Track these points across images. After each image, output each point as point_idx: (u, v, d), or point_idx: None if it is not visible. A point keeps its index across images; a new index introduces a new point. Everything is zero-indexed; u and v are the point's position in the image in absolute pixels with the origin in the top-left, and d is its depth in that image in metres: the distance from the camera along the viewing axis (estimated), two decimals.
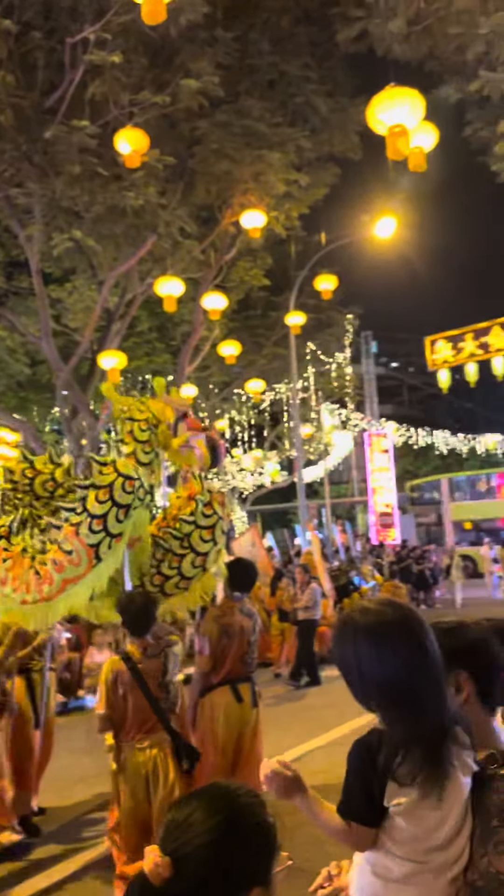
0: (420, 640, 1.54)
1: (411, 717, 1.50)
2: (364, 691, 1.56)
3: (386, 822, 1.52)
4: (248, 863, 1.19)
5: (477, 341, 20.68)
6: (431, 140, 8.15)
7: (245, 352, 19.52)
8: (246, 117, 11.69)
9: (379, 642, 1.53)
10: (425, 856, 1.47)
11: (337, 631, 1.61)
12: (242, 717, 4.82)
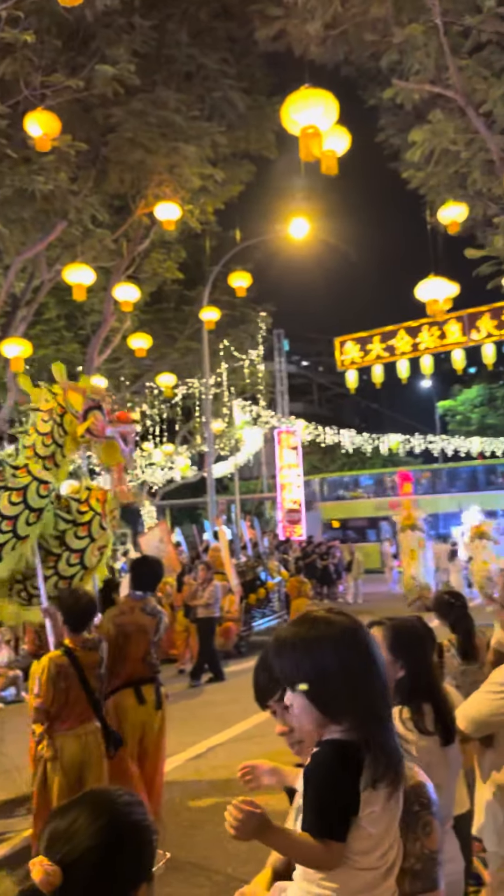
0: (376, 648, 1.59)
1: (381, 722, 1.52)
2: (339, 703, 1.52)
3: (351, 834, 1.50)
4: (133, 862, 1.22)
5: (384, 344, 21.22)
6: (344, 144, 8.27)
7: (157, 345, 19.34)
8: (162, 108, 11.56)
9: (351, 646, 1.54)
10: (381, 859, 1.49)
11: (306, 645, 1.54)
12: (145, 720, 4.75)
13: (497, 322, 19.75)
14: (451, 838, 2.47)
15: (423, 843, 1.53)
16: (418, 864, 1.52)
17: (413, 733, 2.35)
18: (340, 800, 1.47)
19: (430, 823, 1.54)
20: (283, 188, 18.34)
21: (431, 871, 1.52)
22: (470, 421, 40.60)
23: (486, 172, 11.20)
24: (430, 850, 1.53)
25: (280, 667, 1.55)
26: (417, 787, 1.58)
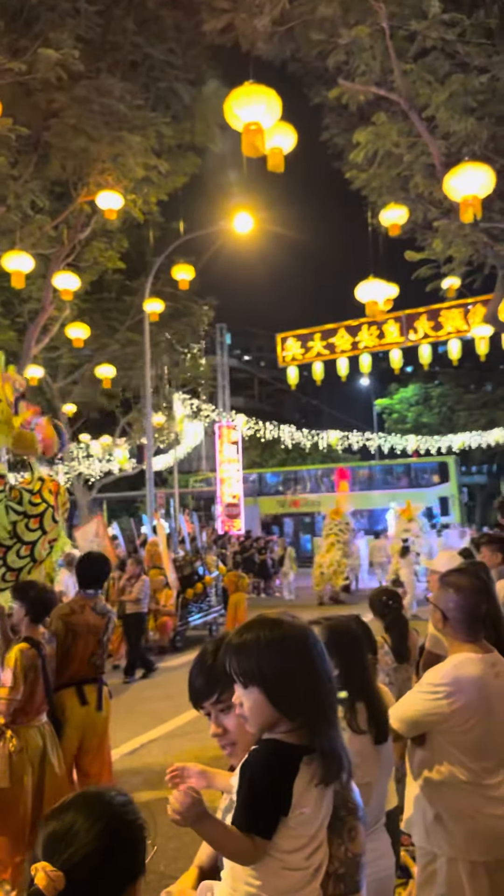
0: (325, 651, 1.64)
1: (329, 723, 1.56)
2: (293, 702, 1.54)
3: (280, 833, 1.51)
4: (131, 859, 1.29)
5: (324, 341, 21.47)
6: (291, 141, 8.29)
7: (97, 335, 19.08)
8: (106, 96, 11.36)
9: (310, 650, 1.59)
10: (308, 860, 1.51)
11: (267, 644, 1.56)
12: (86, 721, 4.68)
13: (434, 323, 20.20)
14: (383, 835, 2.53)
15: (348, 847, 1.55)
16: (342, 867, 1.54)
17: (346, 732, 2.38)
18: (271, 797, 1.50)
19: (356, 828, 1.57)
20: (228, 182, 18.31)
21: (355, 874, 1.55)
22: (406, 419, 41.42)
23: (427, 176, 11.39)
24: (353, 854, 1.55)
25: (238, 664, 1.56)
26: (347, 790, 1.60)
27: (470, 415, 40.09)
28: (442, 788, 2.74)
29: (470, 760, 2.71)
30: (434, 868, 2.75)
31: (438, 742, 2.76)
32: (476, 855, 2.69)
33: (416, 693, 2.78)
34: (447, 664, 2.80)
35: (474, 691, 2.69)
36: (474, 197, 8.19)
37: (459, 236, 11.97)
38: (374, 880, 2.41)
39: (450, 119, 9.75)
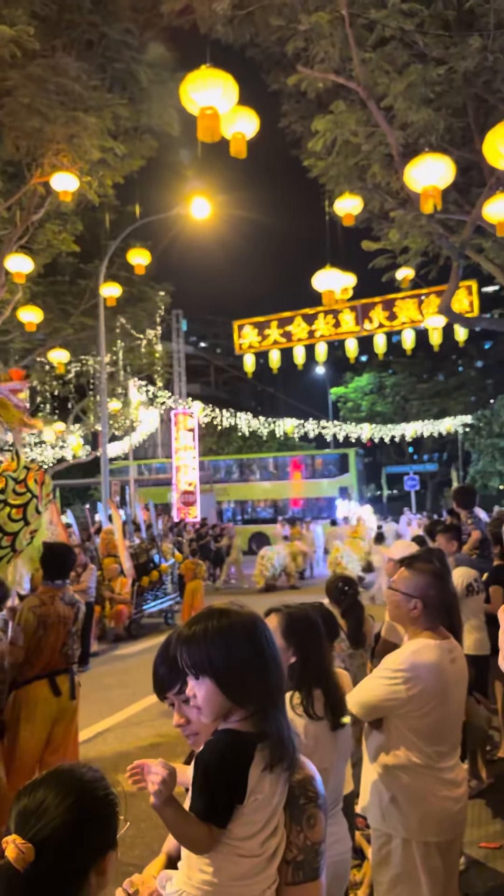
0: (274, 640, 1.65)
1: (278, 710, 1.57)
2: (244, 691, 1.55)
3: (234, 820, 1.52)
4: (101, 834, 1.33)
5: (281, 329, 21.50)
6: (253, 127, 8.22)
7: (50, 319, 18.75)
8: (62, 75, 11.12)
9: (274, 645, 1.60)
10: (262, 846, 1.52)
11: (216, 634, 1.57)
12: (59, 711, 4.64)
13: (389, 313, 20.39)
14: (341, 820, 2.56)
15: (307, 835, 1.55)
16: (301, 854, 1.55)
17: (302, 718, 2.41)
18: (227, 787, 1.51)
19: (315, 816, 1.57)
20: (186, 166, 18.13)
21: (313, 861, 1.56)
22: (360, 408, 41.83)
23: (385, 166, 11.45)
24: (312, 842, 1.55)
25: (189, 656, 1.57)
26: (305, 780, 1.60)
27: (422, 404, 40.70)
28: (398, 772, 2.79)
29: (425, 744, 2.77)
30: (389, 849, 2.81)
31: (395, 726, 2.80)
32: (430, 836, 2.76)
33: (374, 678, 2.82)
34: (406, 650, 2.84)
35: (431, 677, 2.74)
36: (434, 188, 8.25)
37: (415, 227, 12.08)
38: (332, 864, 2.44)
39: (407, 109, 9.80)
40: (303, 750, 2.31)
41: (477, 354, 46.33)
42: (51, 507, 12.02)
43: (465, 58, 9.34)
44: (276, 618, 2.54)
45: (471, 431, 35.70)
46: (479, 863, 4.30)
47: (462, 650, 2.99)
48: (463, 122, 10.81)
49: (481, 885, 4.05)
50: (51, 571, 4.76)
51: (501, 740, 6.05)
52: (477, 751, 5.34)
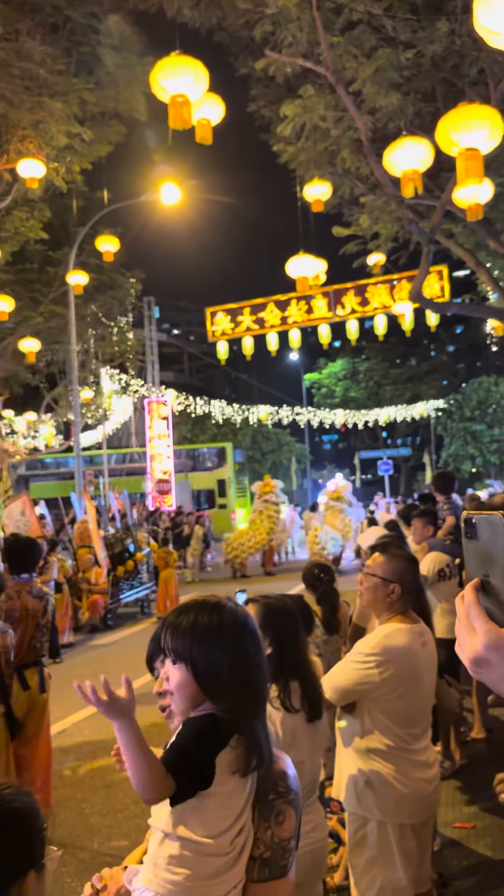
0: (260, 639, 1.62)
1: (254, 711, 1.54)
2: (219, 688, 1.54)
3: (201, 815, 1.50)
4: (18, 849, 1.25)
5: (254, 316, 21.45)
6: (219, 112, 8.14)
7: (19, 307, 18.49)
8: (26, 59, 10.90)
9: (253, 638, 1.57)
10: (231, 844, 1.50)
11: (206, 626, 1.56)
12: (29, 705, 4.62)
13: (361, 299, 20.43)
14: (318, 808, 2.59)
15: (275, 831, 1.52)
16: (268, 851, 1.51)
17: (279, 711, 2.41)
18: (199, 758, 1.50)
19: (284, 812, 1.54)
20: (154, 152, 17.93)
21: (281, 858, 1.52)
22: (334, 393, 41.95)
23: (354, 151, 11.42)
24: (280, 839, 1.52)
25: (172, 642, 1.56)
26: (276, 776, 1.57)
27: (395, 389, 40.93)
28: (372, 755, 2.82)
29: (398, 727, 2.80)
30: (364, 832, 2.84)
31: (368, 710, 2.84)
32: (405, 818, 2.80)
33: (347, 662, 2.85)
34: (378, 634, 2.87)
35: (403, 661, 2.78)
36: (415, 171, 8.24)
37: (385, 212, 12.10)
38: (309, 851, 2.46)
39: (376, 94, 9.78)
40: (279, 743, 2.33)
41: (449, 339, 46.65)
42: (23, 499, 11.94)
43: (434, 41, 9.33)
44: (253, 608, 2.54)
45: (443, 415, 36.02)
46: (453, 843, 4.37)
47: (432, 634, 3.03)
48: (432, 106, 10.81)
49: (456, 865, 4.12)
50: (16, 565, 4.71)
51: (474, 722, 6.15)
52: (450, 732, 5.42)
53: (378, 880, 2.78)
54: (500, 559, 0.91)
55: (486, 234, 11.69)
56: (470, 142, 6.69)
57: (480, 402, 34.77)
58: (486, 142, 6.74)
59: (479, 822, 4.60)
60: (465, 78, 10.19)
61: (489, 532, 0.93)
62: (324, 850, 2.61)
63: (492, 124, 6.66)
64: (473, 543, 0.95)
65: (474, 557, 0.95)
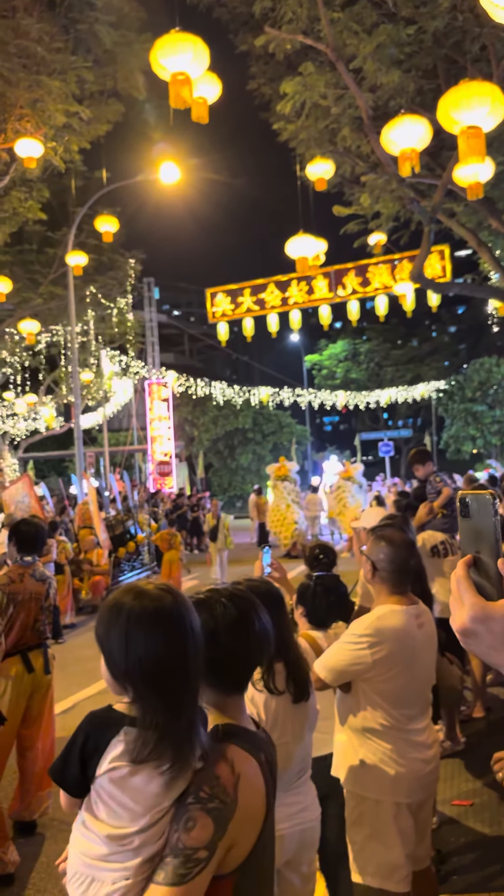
0: (189, 632, 1.54)
1: (168, 703, 1.50)
2: (125, 675, 1.53)
3: (96, 806, 1.52)
4: None
5: (254, 297, 21.34)
6: (215, 91, 8.04)
7: (18, 289, 18.43)
8: (23, 37, 10.77)
9: (152, 629, 1.51)
10: (125, 839, 1.49)
11: (107, 612, 1.55)
12: (33, 686, 4.65)
13: (361, 279, 20.32)
14: (308, 788, 2.61)
15: (181, 836, 1.44)
16: (169, 856, 1.45)
17: (262, 693, 2.42)
18: (79, 758, 1.53)
19: (196, 820, 1.44)
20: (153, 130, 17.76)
21: (181, 867, 1.42)
22: (335, 375, 41.84)
23: (355, 129, 11.31)
24: (185, 846, 1.43)
25: (96, 627, 1.57)
26: (206, 778, 1.49)
27: (396, 370, 40.80)
28: (367, 734, 2.85)
29: (393, 708, 2.83)
30: (361, 810, 2.87)
31: (363, 690, 2.86)
32: (401, 797, 2.83)
33: (341, 643, 2.87)
34: (371, 615, 2.90)
35: (396, 642, 2.79)
36: (413, 150, 8.16)
37: (386, 191, 11.99)
38: (299, 831, 2.49)
39: (377, 71, 9.67)
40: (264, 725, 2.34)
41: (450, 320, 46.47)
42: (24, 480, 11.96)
43: (435, 17, 9.21)
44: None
45: (444, 397, 35.93)
46: (452, 820, 4.42)
47: (431, 615, 3.04)
48: (433, 83, 10.69)
49: (454, 842, 4.17)
50: (20, 546, 4.72)
51: (475, 701, 6.20)
52: (454, 712, 5.46)
53: (376, 857, 2.82)
54: (488, 536, 0.97)
55: (488, 214, 11.60)
56: (472, 120, 6.62)
57: (482, 384, 34.67)
58: (487, 119, 6.67)
59: (477, 800, 4.65)
60: (467, 55, 10.07)
61: (479, 510, 0.98)
62: (314, 830, 2.61)
63: (493, 102, 6.59)
64: (466, 521, 0.99)
65: (467, 535, 0.99)
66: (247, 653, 1.71)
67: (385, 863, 2.80)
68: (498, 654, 0.95)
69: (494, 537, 0.96)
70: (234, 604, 1.72)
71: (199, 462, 33.59)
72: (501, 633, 0.93)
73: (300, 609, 3.33)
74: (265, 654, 1.78)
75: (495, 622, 0.93)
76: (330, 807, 2.91)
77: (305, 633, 3.23)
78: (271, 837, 1.62)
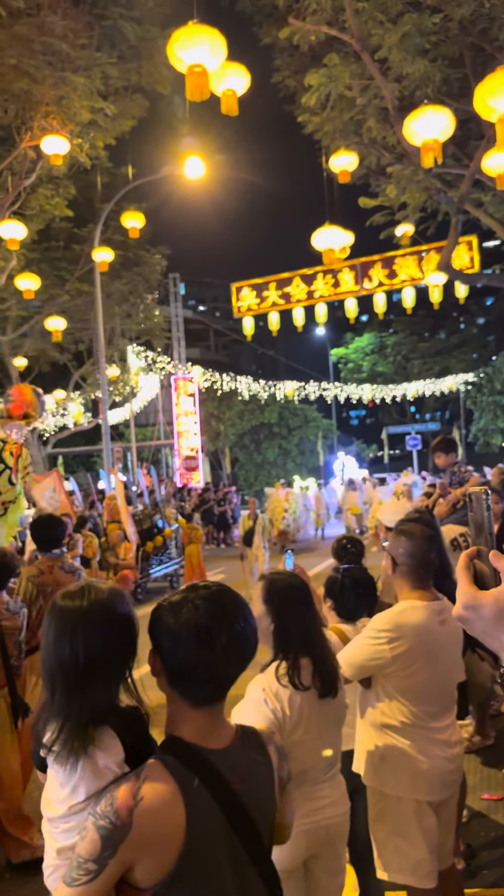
0: (105, 632, 1.59)
1: (69, 699, 1.56)
2: (48, 675, 1.60)
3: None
4: None
5: (279, 291, 21.30)
6: (244, 83, 8.00)
7: (46, 286, 18.56)
8: (48, 34, 10.83)
9: (59, 626, 1.60)
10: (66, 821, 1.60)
11: (56, 616, 1.63)
12: None
13: (388, 271, 20.17)
14: (338, 782, 2.58)
15: (77, 842, 1.46)
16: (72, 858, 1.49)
17: (287, 689, 2.39)
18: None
19: (87, 831, 1.44)
20: (178, 126, 17.78)
21: (72, 869, 1.43)
22: (361, 368, 41.59)
23: (380, 120, 11.22)
24: (77, 853, 1.44)
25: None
26: (106, 792, 1.48)
27: (424, 363, 40.45)
28: (387, 730, 2.82)
29: (413, 704, 2.79)
30: (382, 806, 2.85)
31: (382, 685, 2.84)
32: (421, 794, 2.79)
33: (361, 638, 2.86)
34: (392, 611, 2.88)
35: (416, 637, 2.76)
36: (435, 141, 8.07)
37: (413, 182, 11.90)
38: (324, 826, 2.45)
39: (402, 61, 9.58)
40: (287, 722, 2.32)
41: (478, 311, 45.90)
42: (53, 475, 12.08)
43: (461, 5, 9.10)
44: (260, 584, 2.56)
45: (473, 389, 35.55)
46: (480, 814, 4.39)
47: None
48: (460, 72, 10.57)
49: (483, 836, 4.14)
50: (43, 543, 4.77)
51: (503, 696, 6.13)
52: (484, 707, 5.40)
53: (399, 853, 2.79)
54: (485, 529, 1.07)
55: None
56: None
57: None
58: None
59: None
60: (494, 42, 9.93)
61: (478, 506, 1.07)
62: (343, 825, 2.56)
63: None
64: (471, 515, 1.09)
65: (473, 528, 1.09)
66: (210, 665, 1.53)
67: (408, 859, 2.77)
68: (491, 638, 1.03)
69: (488, 530, 1.06)
70: (205, 609, 1.55)
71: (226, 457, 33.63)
72: (490, 618, 1.01)
73: (328, 602, 3.31)
74: (235, 666, 1.58)
75: (484, 608, 1.01)
76: (359, 800, 2.88)
77: (335, 627, 3.21)
78: (220, 857, 1.51)
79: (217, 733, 1.59)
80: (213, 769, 1.52)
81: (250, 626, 1.61)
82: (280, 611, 2.46)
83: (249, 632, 1.60)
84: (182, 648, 1.53)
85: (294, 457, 36.21)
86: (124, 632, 1.64)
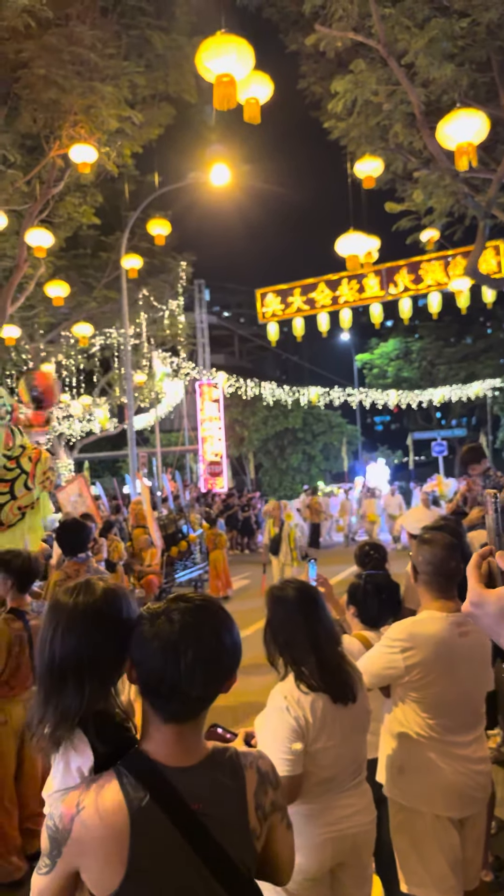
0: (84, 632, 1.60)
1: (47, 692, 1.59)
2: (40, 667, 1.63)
3: None
4: None
5: (304, 297, 21.27)
6: (267, 91, 8.05)
7: (73, 293, 18.76)
8: (77, 44, 10.97)
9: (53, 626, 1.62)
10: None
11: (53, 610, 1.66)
12: None
13: (414, 276, 20.05)
14: (363, 790, 2.56)
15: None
16: None
17: (309, 695, 2.37)
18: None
19: (43, 829, 1.53)
20: (204, 133, 17.88)
21: (40, 858, 1.53)
22: (386, 374, 41.40)
23: (407, 125, 11.20)
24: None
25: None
26: (62, 793, 1.54)
27: (450, 368, 40.15)
28: (403, 741, 2.77)
29: (429, 716, 2.73)
30: (401, 818, 2.79)
31: (399, 696, 2.80)
32: (440, 809, 2.71)
33: (377, 646, 2.84)
34: (408, 620, 2.84)
35: (430, 649, 2.70)
36: (469, 144, 8.04)
37: (440, 187, 11.84)
38: (350, 835, 2.43)
39: (429, 66, 9.55)
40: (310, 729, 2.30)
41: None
42: (79, 480, 12.17)
43: (489, 9, 9.06)
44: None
45: (500, 395, 35.22)
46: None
47: None
48: (487, 76, 10.51)
49: None
50: (69, 547, 4.81)
51: None
52: None
53: (419, 867, 2.72)
54: (493, 530, 1.13)
55: None
56: None
57: None
58: None
59: None
60: None
61: (493, 509, 1.13)
62: (369, 833, 2.52)
63: None
64: (490, 518, 1.14)
65: (491, 531, 1.14)
66: (174, 681, 1.48)
67: (428, 874, 2.70)
68: (496, 634, 1.09)
69: (495, 532, 1.12)
70: (179, 622, 1.49)
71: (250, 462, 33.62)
72: (494, 614, 1.08)
73: (351, 609, 3.29)
74: (200, 687, 1.50)
75: (488, 605, 1.08)
76: (385, 810, 2.85)
77: (358, 634, 3.19)
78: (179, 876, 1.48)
79: (184, 751, 1.54)
80: (168, 787, 1.48)
81: (225, 645, 1.53)
82: (273, 620, 2.48)
83: (223, 651, 1.53)
84: (149, 660, 1.50)
85: (318, 462, 36.10)
86: (107, 634, 1.58)
